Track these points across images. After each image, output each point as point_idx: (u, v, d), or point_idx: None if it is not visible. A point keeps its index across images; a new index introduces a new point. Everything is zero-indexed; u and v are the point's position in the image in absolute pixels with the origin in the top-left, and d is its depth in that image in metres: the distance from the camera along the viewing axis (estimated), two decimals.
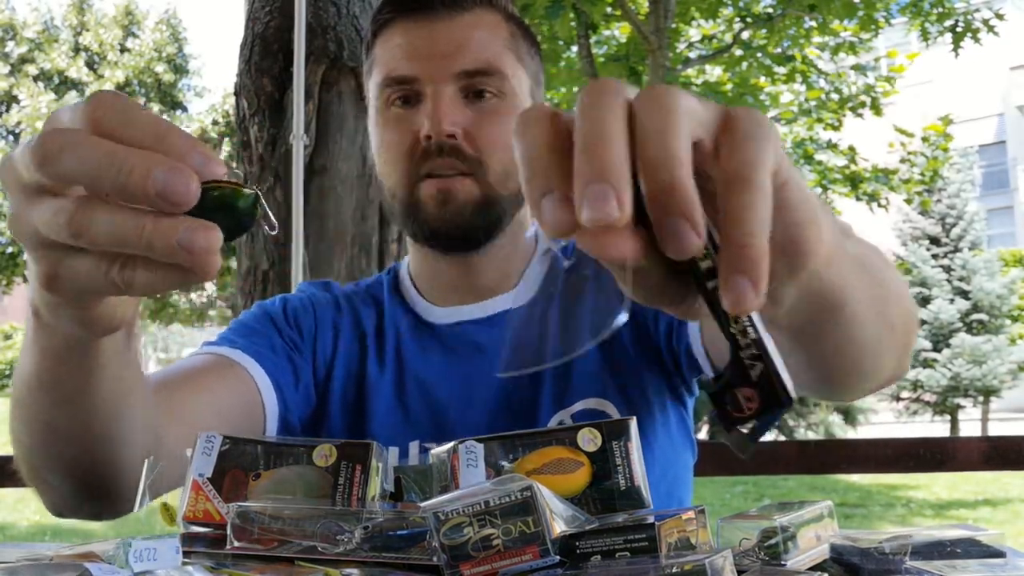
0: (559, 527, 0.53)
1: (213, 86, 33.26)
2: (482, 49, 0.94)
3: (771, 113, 9.46)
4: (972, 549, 0.61)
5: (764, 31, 7.29)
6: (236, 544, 0.57)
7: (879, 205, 9.54)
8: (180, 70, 17.78)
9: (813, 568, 0.60)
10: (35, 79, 16.61)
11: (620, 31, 8.20)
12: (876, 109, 8.87)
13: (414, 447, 0.93)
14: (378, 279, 1.09)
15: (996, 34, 6.66)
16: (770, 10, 7.26)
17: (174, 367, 0.90)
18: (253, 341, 0.96)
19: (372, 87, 0.99)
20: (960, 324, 15.38)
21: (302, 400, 0.97)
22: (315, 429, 0.98)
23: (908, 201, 10.26)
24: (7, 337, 17.83)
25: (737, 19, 7.59)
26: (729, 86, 8.19)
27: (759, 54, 7.52)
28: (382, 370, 0.98)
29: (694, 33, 8.59)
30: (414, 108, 0.94)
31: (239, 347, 0.94)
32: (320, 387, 0.99)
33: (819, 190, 9.85)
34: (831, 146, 9.69)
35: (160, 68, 17.22)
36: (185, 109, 17.66)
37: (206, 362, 0.91)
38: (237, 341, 0.96)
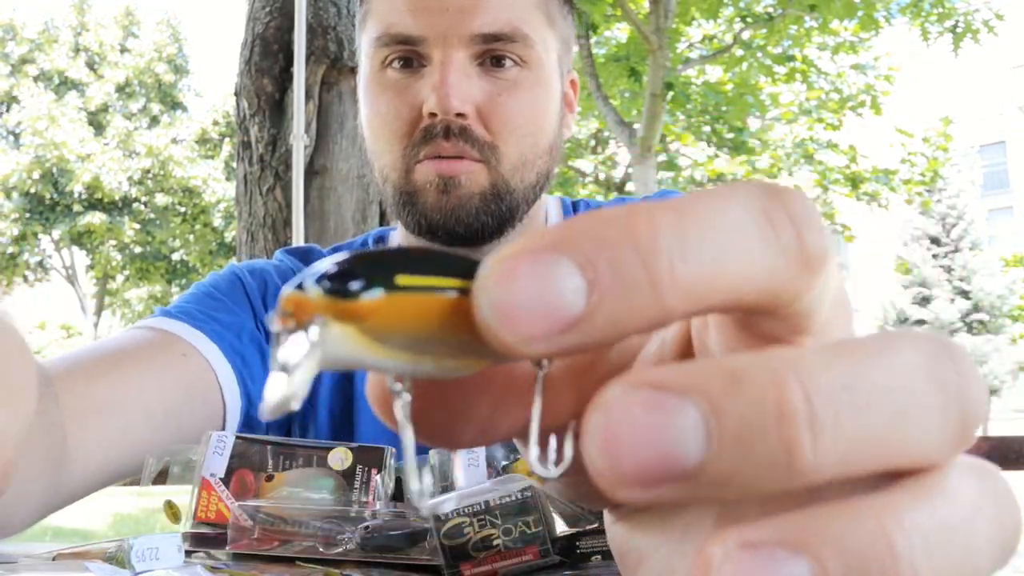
0: (559, 527, 0.53)
1: (213, 86, 33.33)
2: (505, 6, 0.77)
3: (771, 113, 9.47)
4: None
5: (764, 31, 7.29)
6: (236, 544, 0.57)
7: (879, 205, 9.54)
8: (180, 70, 17.77)
9: None
10: (35, 79, 16.61)
11: (620, 31, 8.20)
12: (876, 108, 8.87)
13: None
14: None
15: (996, 34, 6.66)
16: (770, 10, 7.26)
17: (99, 346, 0.70)
18: (213, 314, 0.78)
19: (365, 43, 0.81)
20: (960, 324, 15.38)
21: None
22: (289, 429, 0.85)
23: (908, 201, 10.26)
24: None
25: (737, 19, 7.59)
26: (729, 86, 8.19)
27: (759, 54, 7.52)
28: None
29: (694, 33, 8.59)
30: (416, 74, 0.78)
31: (192, 322, 0.75)
32: None
33: (819, 191, 9.87)
34: (831, 146, 9.69)
35: (160, 68, 17.22)
36: (185, 109, 17.66)
37: (143, 340, 0.72)
38: (192, 313, 0.76)
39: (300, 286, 0.16)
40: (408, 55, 0.78)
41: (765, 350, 0.15)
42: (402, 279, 0.16)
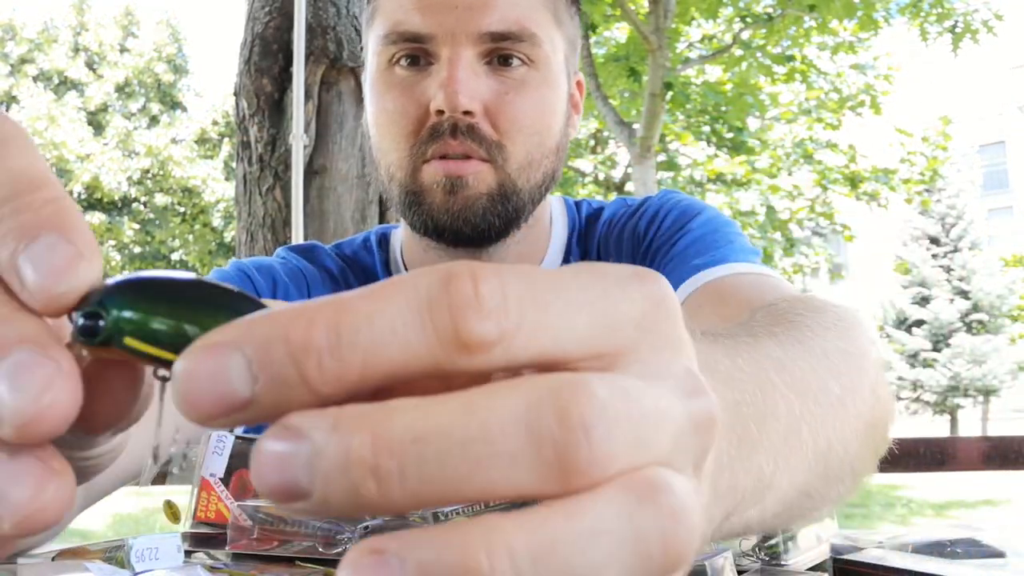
0: None
1: (212, 86, 33.34)
2: (513, 5, 0.77)
3: (771, 113, 9.47)
4: (972, 549, 0.61)
5: (764, 31, 7.29)
6: (236, 544, 0.57)
7: (879, 205, 9.54)
8: (180, 70, 17.77)
9: (813, 568, 0.60)
10: (35, 79, 16.60)
11: (620, 31, 8.20)
12: (875, 108, 8.87)
13: None
14: (367, 249, 0.93)
15: (995, 35, 6.66)
16: (770, 10, 7.26)
17: None
18: None
19: (372, 40, 0.81)
20: (960, 324, 15.38)
21: None
22: None
23: (908, 201, 10.26)
24: None
25: (737, 19, 7.59)
26: (729, 86, 8.19)
27: (759, 54, 7.51)
28: None
29: (694, 33, 8.59)
30: (423, 72, 0.78)
31: None
32: None
33: (818, 190, 9.87)
34: (831, 146, 9.69)
35: (160, 68, 17.21)
36: (185, 109, 17.65)
37: None
38: None
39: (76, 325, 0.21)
40: (415, 53, 0.77)
41: (373, 404, 0.18)
42: (129, 341, 0.20)
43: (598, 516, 0.18)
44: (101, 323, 0.20)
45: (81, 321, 0.20)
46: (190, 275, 0.21)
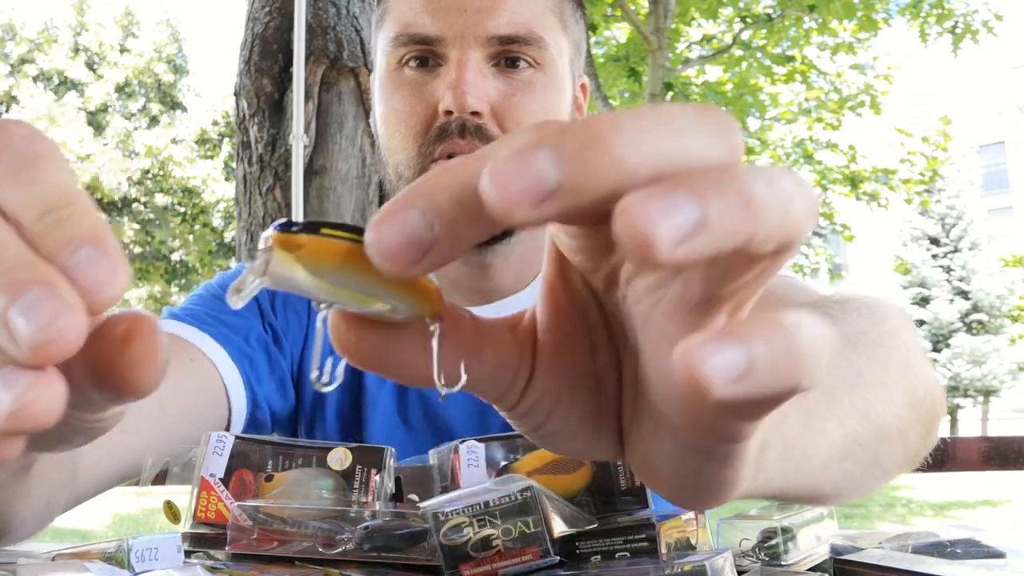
0: (559, 527, 0.53)
1: (213, 86, 33.34)
2: (521, 8, 0.78)
3: (771, 113, 9.47)
4: (972, 549, 0.61)
5: (764, 31, 7.29)
6: (236, 544, 0.57)
7: (879, 205, 9.54)
8: (180, 70, 17.76)
9: (813, 568, 0.60)
10: (35, 79, 16.60)
11: (620, 31, 8.20)
12: (875, 108, 8.87)
13: None
14: None
15: (995, 35, 6.67)
16: (770, 10, 7.26)
17: None
18: (222, 317, 0.79)
19: (382, 41, 0.83)
20: (960, 324, 15.39)
21: (276, 395, 0.82)
22: (296, 430, 0.87)
23: (908, 201, 10.26)
24: None
25: (737, 19, 7.59)
26: (729, 86, 8.19)
27: (759, 54, 7.52)
28: (382, 381, 0.84)
29: (694, 33, 8.59)
30: (432, 73, 0.79)
31: (200, 325, 0.77)
32: (305, 391, 0.85)
33: (819, 190, 9.87)
34: (831, 146, 9.69)
35: (160, 68, 17.21)
36: (185, 109, 17.65)
37: None
38: (200, 316, 0.79)
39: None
40: (425, 54, 0.79)
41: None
42: (325, 230, 0.23)
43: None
44: (296, 226, 0.23)
45: (281, 221, 0.24)
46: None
